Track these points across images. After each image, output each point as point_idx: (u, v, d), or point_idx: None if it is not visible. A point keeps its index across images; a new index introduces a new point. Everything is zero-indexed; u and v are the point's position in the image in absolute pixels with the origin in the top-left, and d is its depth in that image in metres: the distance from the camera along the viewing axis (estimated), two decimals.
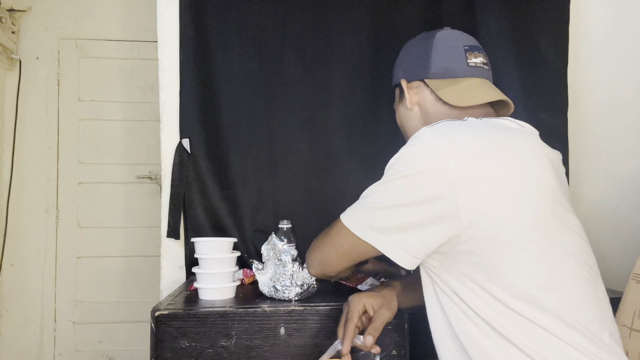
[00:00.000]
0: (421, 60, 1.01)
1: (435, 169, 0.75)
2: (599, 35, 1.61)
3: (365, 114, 1.54)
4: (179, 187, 1.47)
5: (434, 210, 0.75)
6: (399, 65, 1.07)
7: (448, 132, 0.78)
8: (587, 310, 0.75)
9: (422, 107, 1.00)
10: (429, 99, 0.99)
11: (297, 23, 1.52)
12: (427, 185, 0.75)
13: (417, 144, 0.79)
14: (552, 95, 1.53)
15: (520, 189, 0.75)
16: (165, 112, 1.52)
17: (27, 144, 2.42)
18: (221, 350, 1.01)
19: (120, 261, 2.46)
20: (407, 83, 1.02)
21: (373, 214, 0.82)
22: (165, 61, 1.52)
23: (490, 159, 0.75)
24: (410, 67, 1.03)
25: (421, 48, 1.02)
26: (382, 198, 0.81)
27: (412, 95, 1.02)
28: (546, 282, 0.74)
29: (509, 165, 0.76)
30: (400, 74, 1.05)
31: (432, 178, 0.75)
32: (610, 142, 1.59)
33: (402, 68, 1.05)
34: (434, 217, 0.75)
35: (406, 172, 0.78)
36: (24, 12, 2.43)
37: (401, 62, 1.07)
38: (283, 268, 1.09)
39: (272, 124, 1.52)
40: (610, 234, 1.55)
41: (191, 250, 1.40)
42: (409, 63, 1.04)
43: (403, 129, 1.07)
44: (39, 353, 2.39)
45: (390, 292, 0.98)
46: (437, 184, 0.74)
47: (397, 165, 0.81)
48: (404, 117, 1.05)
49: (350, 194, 1.52)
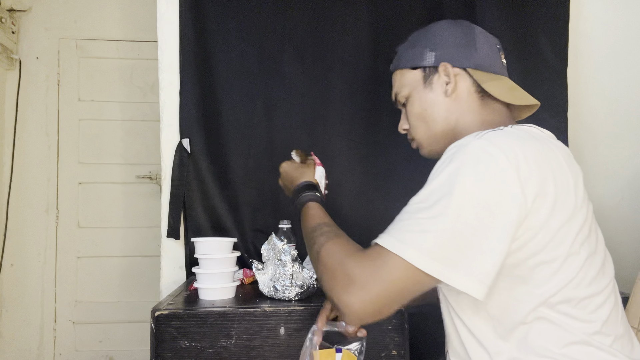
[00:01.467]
0: (465, 47, 0.92)
1: (503, 190, 0.68)
2: (599, 35, 1.61)
3: (365, 114, 1.54)
4: (179, 187, 1.47)
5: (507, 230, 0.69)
6: (428, 46, 0.94)
7: (503, 145, 0.71)
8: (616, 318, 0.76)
9: (459, 97, 0.91)
10: (469, 90, 0.91)
11: (297, 23, 1.52)
12: (497, 206, 0.68)
13: (479, 159, 0.70)
14: (552, 95, 1.53)
15: (568, 203, 0.72)
16: (165, 112, 1.52)
17: (27, 144, 2.42)
18: (221, 350, 1.01)
19: (120, 261, 2.46)
20: (451, 67, 0.91)
21: (438, 242, 0.68)
22: (165, 61, 1.52)
23: (547, 174, 0.71)
24: (451, 51, 0.92)
25: (462, 34, 0.93)
26: (448, 222, 0.68)
27: (455, 81, 0.91)
28: (582, 292, 0.72)
29: (558, 179, 0.72)
30: (434, 56, 0.92)
31: (501, 197, 0.68)
32: (610, 142, 1.59)
33: (437, 50, 0.92)
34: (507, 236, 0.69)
35: (470, 192, 0.68)
36: (24, 12, 2.43)
37: (433, 44, 0.93)
38: (283, 268, 1.09)
39: (272, 124, 1.52)
40: (611, 234, 1.55)
41: (191, 250, 1.40)
42: (449, 47, 0.92)
43: (425, 118, 0.94)
44: (39, 353, 2.39)
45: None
46: (506, 202, 0.68)
47: (458, 183, 0.69)
48: (432, 103, 0.92)
49: (350, 194, 1.54)
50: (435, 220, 0.68)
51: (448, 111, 0.91)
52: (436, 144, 0.93)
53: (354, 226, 1.54)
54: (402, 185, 1.54)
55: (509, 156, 0.69)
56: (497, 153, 0.69)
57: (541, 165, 0.71)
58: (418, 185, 1.58)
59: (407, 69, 0.96)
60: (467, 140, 0.73)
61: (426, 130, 0.94)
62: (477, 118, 0.90)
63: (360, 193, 1.54)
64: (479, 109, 0.90)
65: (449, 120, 0.91)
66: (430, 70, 0.93)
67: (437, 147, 0.93)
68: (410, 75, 0.96)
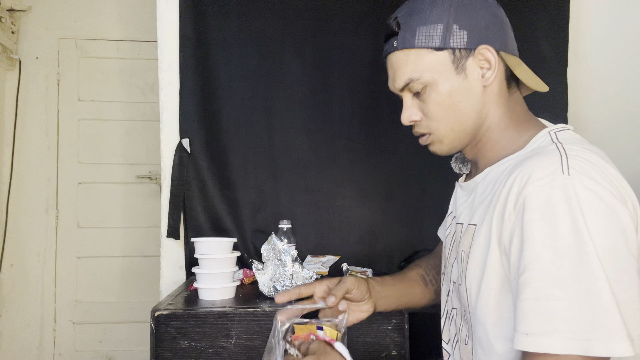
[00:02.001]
0: (497, 27, 0.78)
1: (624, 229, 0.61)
2: (599, 35, 1.61)
3: (365, 114, 1.54)
4: (178, 187, 1.46)
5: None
6: (456, 22, 0.76)
7: (602, 181, 0.63)
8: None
9: (492, 85, 0.79)
10: (501, 77, 0.79)
11: (297, 23, 1.52)
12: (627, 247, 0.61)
13: (589, 202, 0.60)
14: (552, 95, 1.52)
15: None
16: (165, 112, 1.52)
17: (26, 144, 2.42)
18: (221, 350, 1.01)
19: (120, 261, 2.45)
20: (495, 52, 0.76)
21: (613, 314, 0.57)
22: (165, 61, 1.52)
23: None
24: (485, 30, 0.77)
25: (490, 11, 0.78)
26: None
27: (498, 68, 0.77)
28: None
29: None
30: (469, 35, 0.76)
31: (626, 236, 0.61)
32: (610, 142, 1.59)
33: (470, 28, 0.76)
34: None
35: (601, 244, 0.59)
36: (23, 12, 2.42)
37: (462, 21, 0.76)
38: (283, 268, 1.09)
39: (272, 124, 1.52)
40: None
41: (191, 250, 1.40)
42: (481, 26, 0.77)
43: (456, 110, 0.79)
44: (39, 353, 2.39)
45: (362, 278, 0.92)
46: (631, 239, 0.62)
47: (585, 238, 0.59)
48: (467, 93, 0.78)
49: (350, 194, 1.54)
50: (590, 293, 0.57)
51: (482, 102, 0.78)
52: (460, 140, 0.81)
53: (355, 226, 1.54)
54: (403, 186, 1.54)
55: (614, 193, 0.62)
56: (603, 191, 0.61)
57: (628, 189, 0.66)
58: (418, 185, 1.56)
59: (428, 49, 0.77)
60: (550, 176, 0.63)
61: (455, 124, 0.79)
62: (506, 111, 0.80)
63: (360, 193, 1.54)
64: (507, 98, 0.81)
65: (481, 113, 0.79)
66: (463, 52, 0.77)
67: (460, 143, 0.82)
68: (431, 58, 0.77)
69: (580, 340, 0.57)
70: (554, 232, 0.60)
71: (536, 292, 0.60)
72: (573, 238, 0.59)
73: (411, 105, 0.82)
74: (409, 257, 1.51)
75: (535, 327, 0.59)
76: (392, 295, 0.94)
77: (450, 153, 0.85)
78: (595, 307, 0.57)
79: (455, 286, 0.82)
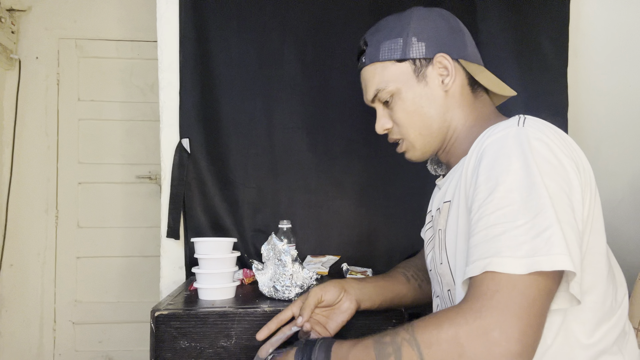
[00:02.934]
0: (455, 36, 0.86)
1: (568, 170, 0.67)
2: (599, 34, 1.60)
3: (365, 114, 1.54)
4: (178, 187, 1.46)
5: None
6: (415, 35, 0.85)
7: (547, 131, 0.69)
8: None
9: (453, 90, 0.85)
10: (463, 83, 0.85)
11: (297, 23, 1.52)
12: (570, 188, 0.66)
13: (534, 144, 0.66)
14: (552, 95, 1.53)
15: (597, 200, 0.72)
16: (165, 112, 1.52)
17: (26, 144, 2.42)
18: (221, 350, 1.01)
19: (120, 261, 2.45)
20: (450, 59, 0.84)
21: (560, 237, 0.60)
22: (165, 61, 1.52)
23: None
24: (444, 41, 0.85)
25: (447, 23, 0.86)
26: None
27: (456, 74, 0.84)
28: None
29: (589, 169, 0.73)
30: (427, 46, 0.84)
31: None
32: (610, 142, 1.59)
33: (428, 39, 0.84)
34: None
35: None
36: (23, 12, 2.42)
37: (420, 33, 0.85)
38: (283, 268, 1.09)
39: (272, 124, 1.52)
40: (611, 234, 1.55)
41: (191, 250, 1.40)
42: (439, 36, 0.85)
43: (420, 115, 0.86)
44: (39, 353, 2.39)
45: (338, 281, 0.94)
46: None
47: (535, 174, 0.64)
48: (429, 99, 0.85)
49: (350, 194, 1.54)
50: (537, 221, 0.60)
51: (445, 106, 0.85)
52: (431, 144, 0.87)
53: (355, 226, 1.54)
54: (402, 185, 1.54)
55: (564, 151, 0.67)
56: (555, 146, 0.67)
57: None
58: (418, 185, 1.57)
59: (391, 61, 0.86)
60: (507, 129, 0.69)
61: (422, 129, 0.86)
62: (471, 112, 0.85)
63: (360, 193, 1.54)
64: (472, 102, 0.86)
65: (445, 116, 0.85)
66: (422, 62, 0.84)
67: (431, 147, 0.88)
68: (394, 69, 0.86)
69: (523, 258, 0.58)
70: (506, 170, 0.64)
71: (486, 224, 0.63)
72: (523, 174, 0.63)
73: (383, 115, 0.91)
74: (409, 257, 1.51)
75: (481, 254, 0.61)
76: (374, 292, 0.96)
77: (424, 158, 0.92)
78: (540, 230, 0.59)
79: (437, 272, 0.84)
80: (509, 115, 0.81)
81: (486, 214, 0.63)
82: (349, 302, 0.92)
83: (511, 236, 0.60)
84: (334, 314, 0.92)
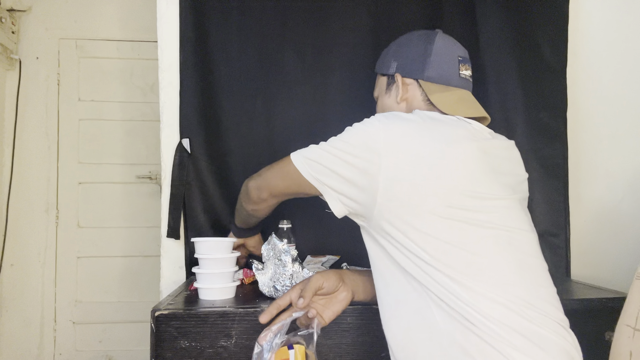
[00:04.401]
0: (419, 60, 1.04)
1: (369, 147, 0.86)
2: (599, 35, 1.61)
3: (365, 114, 1.54)
4: (179, 187, 1.46)
5: (359, 171, 0.87)
6: (393, 56, 1.09)
7: (391, 117, 0.89)
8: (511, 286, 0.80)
9: (409, 104, 1.05)
10: (418, 99, 1.04)
11: (297, 23, 1.52)
12: (360, 157, 0.87)
13: (365, 125, 0.91)
14: (551, 95, 1.53)
15: (436, 165, 0.82)
16: (165, 112, 1.52)
17: (27, 144, 2.42)
18: (221, 350, 1.01)
19: (120, 261, 2.46)
20: (402, 78, 1.06)
21: (321, 163, 0.92)
22: (165, 61, 1.52)
23: (415, 138, 0.85)
24: (408, 63, 1.06)
25: (421, 48, 1.05)
26: (330, 154, 0.91)
27: (404, 91, 1.05)
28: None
29: (430, 145, 0.84)
30: (395, 66, 1.08)
31: (366, 151, 0.86)
32: (610, 142, 1.59)
33: (398, 61, 1.07)
34: (358, 175, 0.87)
35: (350, 144, 0.89)
36: (24, 12, 2.43)
37: (397, 55, 1.09)
38: (283, 268, 1.09)
39: (272, 124, 1.52)
40: (611, 234, 1.55)
41: (191, 250, 1.40)
42: (407, 59, 1.06)
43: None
44: (39, 353, 2.39)
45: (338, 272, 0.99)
46: (367, 155, 0.86)
47: (348, 135, 0.92)
48: (387, 108, 1.09)
49: None
50: (328, 151, 0.92)
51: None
52: None
53: (355, 226, 1.54)
54: None
55: (388, 122, 0.87)
56: (380, 121, 0.89)
57: (419, 132, 0.86)
58: None
59: (379, 74, 1.13)
60: (375, 116, 0.93)
61: None
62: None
63: None
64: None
65: None
66: (390, 78, 1.09)
67: None
68: (380, 80, 1.13)
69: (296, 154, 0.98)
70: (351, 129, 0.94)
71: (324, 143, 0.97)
72: (349, 131, 0.94)
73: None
74: None
75: (304, 151, 1.00)
76: (369, 284, 0.99)
77: None
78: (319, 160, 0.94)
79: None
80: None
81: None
82: (346, 292, 0.96)
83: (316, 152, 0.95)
84: (331, 302, 0.94)
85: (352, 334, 1.03)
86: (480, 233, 0.80)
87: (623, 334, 0.89)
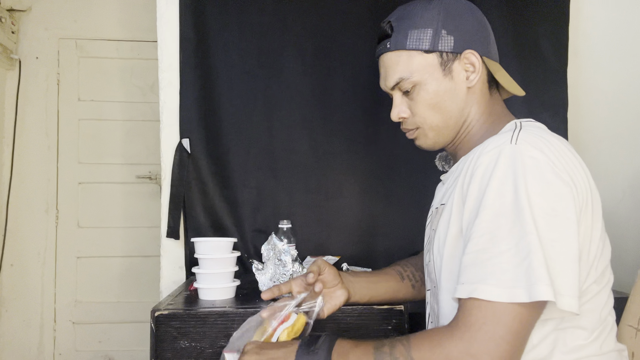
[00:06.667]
0: (481, 33, 0.85)
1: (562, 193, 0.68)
2: (599, 34, 1.61)
3: (365, 114, 1.54)
4: (179, 187, 1.46)
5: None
6: (445, 27, 0.83)
7: (544, 148, 0.70)
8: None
9: (475, 87, 0.85)
10: (483, 80, 0.86)
11: (297, 23, 1.52)
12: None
13: (527, 166, 0.67)
14: (552, 95, 1.53)
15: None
16: (165, 112, 1.52)
17: (27, 144, 2.42)
18: (221, 350, 1.01)
19: (120, 261, 2.45)
20: (479, 56, 0.84)
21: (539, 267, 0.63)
22: (165, 61, 1.52)
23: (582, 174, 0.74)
24: (471, 36, 0.84)
25: (475, 18, 0.86)
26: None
27: (481, 72, 0.84)
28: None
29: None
30: (455, 40, 0.83)
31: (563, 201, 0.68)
32: (610, 142, 1.59)
33: (457, 33, 0.83)
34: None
35: (538, 205, 0.66)
36: (23, 12, 2.42)
37: (450, 25, 0.83)
38: (283, 268, 1.09)
39: (272, 124, 1.52)
40: (611, 234, 1.55)
41: (191, 250, 1.40)
42: (467, 31, 0.84)
43: (440, 108, 0.85)
44: (39, 353, 2.39)
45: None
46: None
47: (522, 199, 0.66)
48: (452, 94, 0.84)
49: (350, 194, 1.54)
50: (520, 247, 0.63)
51: (465, 102, 0.85)
52: (444, 136, 0.88)
53: (355, 226, 1.54)
54: (403, 185, 1.54)
55: (553, 161, 0.69)
56: (546, 160, 0.68)
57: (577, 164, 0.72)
58: (418, 184, 1.57)
59: (418, 51, 0.84)
60: (500, 146, 0.70)
61: (439, 122, 0.86)
62: (486, 109, 0.86)
63: (360, 193, 1.54)
64: (488, 99, 0.87)
65: (463, 111, 0.85)
66: (449, 56, 0.83)
67: (444, 139, 0.88)
68: (421, 59, 0.84)
69: (505, 288, 0.63)
70: (496, 192, 0.67)
71: (475, 247, 0.67)
72: (511, 198, 0.66)
73: (400, 103, 0.89)
74: (412, 254, 1.51)
75: (469, 277, 0.66)
76: (365, 287, 0.98)
77: (434, 148, 0.90)
78: (522, 257, 0.63)
79: (427, 268, 0.88)
80: (514, 113, 0.87)
81: (475, 236, 0.67)
82: (342, 290, 0.94)
83: (496, 263, 0.64)
84: (329, 297, 0.93)
85: (352, 334, 1.03)
86: None
87: (625, 334, 0.89)
